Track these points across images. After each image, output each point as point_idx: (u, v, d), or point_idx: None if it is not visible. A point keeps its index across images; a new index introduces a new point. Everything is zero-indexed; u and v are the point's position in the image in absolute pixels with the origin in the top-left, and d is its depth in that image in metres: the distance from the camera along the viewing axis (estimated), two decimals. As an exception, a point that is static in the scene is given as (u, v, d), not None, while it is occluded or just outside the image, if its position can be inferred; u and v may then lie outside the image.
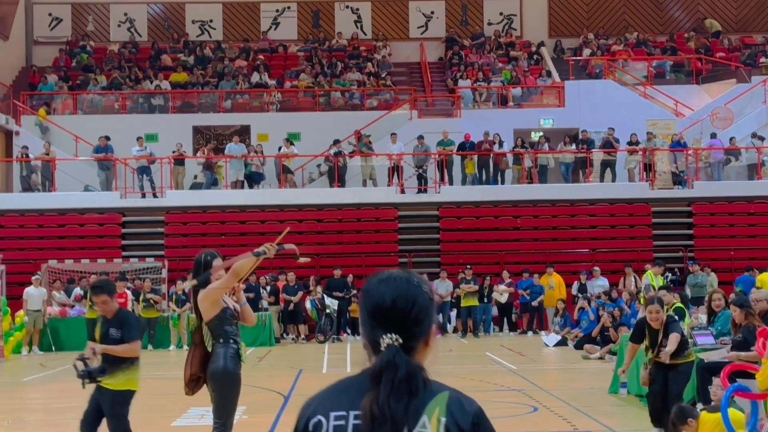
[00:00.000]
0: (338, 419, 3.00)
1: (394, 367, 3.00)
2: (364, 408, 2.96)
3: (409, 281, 3.16)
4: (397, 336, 3.07)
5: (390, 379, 2.97)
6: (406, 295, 3.09)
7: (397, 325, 3.07)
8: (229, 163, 33.01)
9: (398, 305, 3.07)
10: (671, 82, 39.42)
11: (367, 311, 3.13)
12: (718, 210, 32.80)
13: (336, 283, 29.05)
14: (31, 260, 30.19)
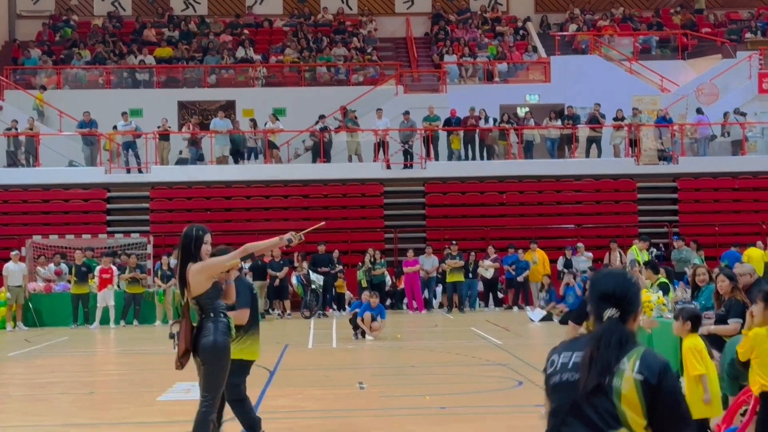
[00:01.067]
0: (564, 357, 4.42)
1: (611, 331, 4.32)
2: (586, 351, 4.30)
3: (624, 276, 4.50)
4: (616, 310, 4.36)
5: (608, 338, 4.28)
6: (623, 285, 4.43)
7: (616, 304, 4.37)
8: (214, 139, 32.89)
9: (618, 292, 4.40)
10: (657, 57, 39.41)
11: (596, 295, 4.46)
12: (703, 186, 32.91)
13: (321, 258, 29.03)
14: (15, 236, 30.09)
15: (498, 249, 29.91)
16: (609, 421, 4.18)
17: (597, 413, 4.21)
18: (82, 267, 26.70)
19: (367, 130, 33.25)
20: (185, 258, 8.39)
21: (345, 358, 18.98)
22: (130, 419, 12.24)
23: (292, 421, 11.84)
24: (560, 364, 4.43)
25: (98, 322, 26.42)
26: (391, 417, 11.69)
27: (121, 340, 23.92)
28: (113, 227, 31.65)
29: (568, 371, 4.35)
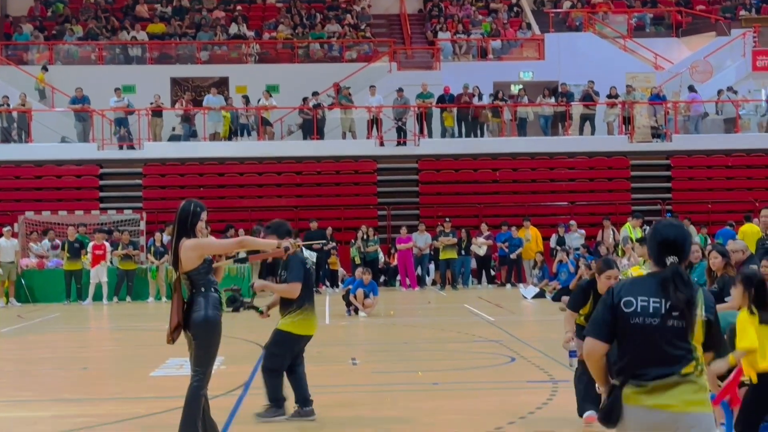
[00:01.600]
0: (643, 301, 5.18)
1: (680, 274, 5.19)
2: (670, 293, 5.16)
3: (682, 226, 5.40)
4: (675, 258, 5.22)
5: (680, 280, 5.17)
6: (683, 234, 5.30)
7: (676, 251, 5.23)
8: (207, 115, 32.79)
9: (678, 240, 5.26)
10: (651, 35, 39.34)
11: (658, 242, 5.29)
12: (697, 163, 32.92)
13: (314, 235, 28.97)
14: (7, 212, 30.00)
15: (491, 226, 29.90)
16: (686, 355, 5.16)
17: (676, 348, 5.16)
18: (75, 243, 26.66)
19: (361, 107, 33.17)
20: (180, 233, 8.36)
21: (338, 334, 18.99)
22: (123, 395, 12.25)
23: (285, 396, 11.84)
24: (640, 307, 5.19)
25: (91, 298, 26.40)
26: (383, 393, 11.71)
27: (113, 317, 23.92)
28: (106, 203, 31.59)
29: (650, 316, 5.17)
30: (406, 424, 9.61)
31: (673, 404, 5.12)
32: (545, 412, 10.45)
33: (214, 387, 9.78)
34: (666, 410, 5.13)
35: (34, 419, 10.71)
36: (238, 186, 32.32)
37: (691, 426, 5.13)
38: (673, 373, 5.12)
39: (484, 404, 10.96)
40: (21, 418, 10.88)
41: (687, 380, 5.15)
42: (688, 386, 5.15)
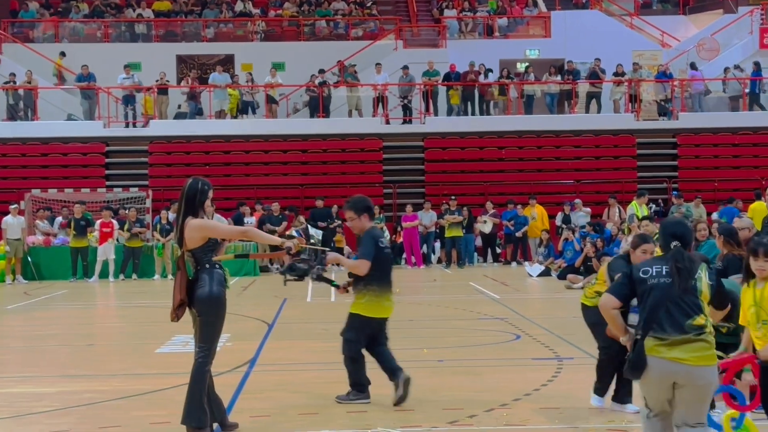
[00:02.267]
0: (657, 268, 6.52)
1: (681, 253, 6.51)
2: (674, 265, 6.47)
3: (685, 224, 6.88)
4: (678, 242, 6.55)
5: (683, 256, 6.49)
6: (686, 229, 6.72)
7: (679, 239, 6.57)
8: (213, 93, 32.76)
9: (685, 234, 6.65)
10: (658, 12, 39.20)
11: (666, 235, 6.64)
12: (703, 141, 32.84)
13: (320, 213, 29.02)
14: (14, 189, 30.05)
15: (497, 204, 29.89)
16: (695, 309, 6.41)
17: (687, 304, 6.41)
18: (81, 221, 26.69)
19: (366, 84, 33.11)
20: (187, 210, 8.35)
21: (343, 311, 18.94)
22: (129, 371, 12.29)
23: (291, 373, 11.89)
24: (655, 271, 6.49)
25: (97, 275, 26.46)
26: (388, 369, 11.71)
27: (119, 294, 23.98)
28: (112, 181, 31.62)
29: (663, 276, 6.46)
30: (411, 400, 9.62)
31: (687, 359, 6.32)
32: (550, 389, 10.47)
33: (220, 364, 9.84)
34: (682, 363, 6.33)
35: (40, 395, 10.75)
36: (243, 164, 32.32)
37: (700, 377, 6.35)
38: (686, 326, 6.36)
39: (489, 381, 10.98)
40: (27, 393, 10.93)
41: (699, 338, 6.36)
42: (700, 344, 6.37)
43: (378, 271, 9.60)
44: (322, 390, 10.56)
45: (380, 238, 9.72)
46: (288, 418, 9.24)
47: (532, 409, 9.41)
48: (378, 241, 9.61)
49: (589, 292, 9.48)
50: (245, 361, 12.32)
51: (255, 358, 12.76)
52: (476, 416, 9.12)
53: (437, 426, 8.78)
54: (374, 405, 9.68)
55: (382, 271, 9.63)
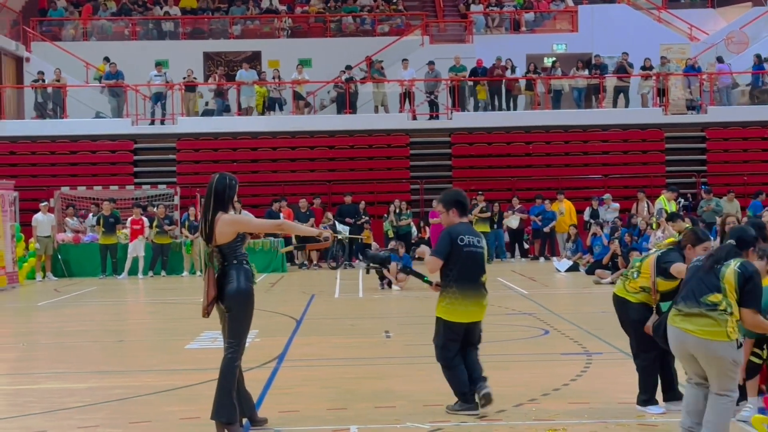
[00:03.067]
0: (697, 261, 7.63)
1: (727, 247, 7.50)
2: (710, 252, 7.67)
3: (747, 230, 7.66)
4: (733, 242, 7.50)
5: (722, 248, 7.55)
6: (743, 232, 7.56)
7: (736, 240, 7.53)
8: (240, 90, 32.86)
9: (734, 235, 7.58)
10: (686, 5, 38.97)
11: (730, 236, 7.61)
12: (732, 135, 32.62)
13: (347, 209, 29.04)
14: (43, 187, 30.27)
15: (524, 200, 29.82)
16: (713, 288, 7.26)
17: (707, 283, 7.29)
18: (110, 218, 26.84)
19: (393, 80, 33.11)
20: (216, 206, 8.36)
21: (371, 307, 19.05)
22: (158, 367, 12.36)
23: (319, 369, 11.92)
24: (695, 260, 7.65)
25: (127, 272, 26.61)
26: (416, 365, 11.75)
27: (149, 290, 24.11)
28: (140, 178, 31.78)
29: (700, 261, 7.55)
30: (439, 396, 9.63)
31: (695, 330, 7.24)
32: (579, 384, 10.45)
33: (249, 359, 9.89)
34: (689, 333, 7.27)
35: (71, 391, 10.83)
36: (271, 160, 32.40)
37: (707, 349, 7.21)
38: (701, 300, 7.24)
39: (518, 377, 10.97)
40: (58, 389, 11.01)
41: (709, 314, 7.20)
42: (708, 319, 7.22)
43: (456, 271, 8.83)
44: (351, 385, 10.59)
45: (461, 236, 8.82)
46: (317, 413, 9.27)
47: (560, 404, 9.40)
48: (457, 239, 8.79)
49: (632, 287, 9.08)
50: (274, 357, 12.36)
51: (283, 353, 12.80)
52: (505, 411, 9.11)
53: (466, 422, 8.78)
54: (403, 400, 9.68)
55: (461, 272, 8.82)
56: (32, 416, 9.50)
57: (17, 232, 25.51)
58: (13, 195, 25.98)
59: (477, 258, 8.93)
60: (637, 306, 8.98)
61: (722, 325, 7.20)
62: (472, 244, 8.92)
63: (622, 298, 9.16)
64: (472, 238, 8.95)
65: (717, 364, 7.26)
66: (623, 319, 9.23)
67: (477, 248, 8.96)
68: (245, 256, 8.46)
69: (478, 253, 8.99)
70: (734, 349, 7.24)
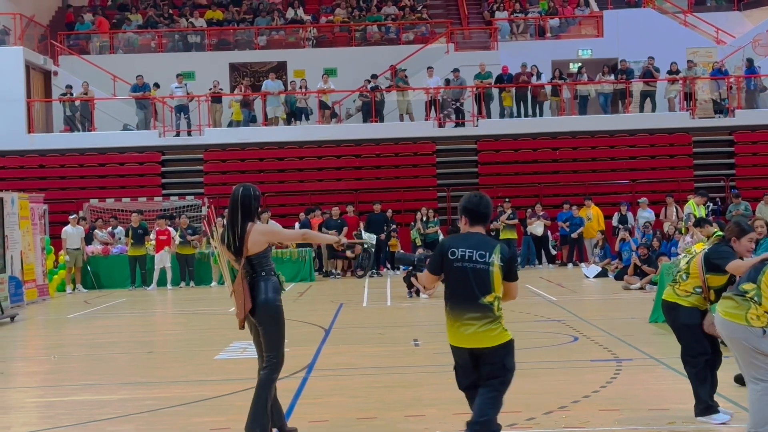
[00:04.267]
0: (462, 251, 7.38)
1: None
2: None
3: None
4: None
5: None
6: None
7: None
8: (267, 100, 32.97)
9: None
10: (712, 9, 38.79)
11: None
12: (760, 138, 32.39)
13: (376, 217, 29.02)
14: (72, 199, 30.50)
15: (551, 206, 29.75)
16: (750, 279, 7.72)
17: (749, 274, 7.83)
18: (139, 229, 26.97)
19: (418, 88, 33.12)
20: (245, 216, 8.37)
21: (400, 315, 19.05)
22: (188, 377, 12.40)
23: (348, 378, 11.93)
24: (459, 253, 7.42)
25: (155, 283, 26.73)
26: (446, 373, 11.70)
27: (177, 301, 24.20)
28: (168, 190, 31.95)
29: None
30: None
31: (720, 311, 7.78)
32: (609, 391, 10.41)
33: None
34: (717, 314, 7.90)
35: (102, 402, 10.89)
36: (297, 170, 32.49)
37: (726, 328, 7.74)
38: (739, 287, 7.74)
39: (548, 384, 10.94)
40: (89, 401, 11.07)
41: (735, 298, 7.67)
42: (732, 303, 7.71)
43: (448, 288, 7.55)
44: (380, 395, 10.59)
45: (453, 248, 7.46)
46: (346, 423, 9.27)
47: (591, 411, 9.36)
48: (448, 252, 7.44)
49: (683, 290, 8.90)
50: (303, 367, 12.38)
51: (312, 363, 12.82)
52: (535, 419, 9.09)
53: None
54: (433, 408, 9.68)
55: (452, 289, 7.52)
56: (64, 428, 9.56)
57: (47, 245, 25.71)
58: (43, 208, 26.19)
59: (468, 274, 7.37)
60: (689, 310, 8.84)
61: (742, 308, 7.60)
62: (467, 258, 7.41)
63: (673, 302, 9.01)
64: (469, 252, 7.42)
65: (737, 348, 7.69)
66: (674, 325, 9.09)
67: (472, 263, 7.39)
68: (273, 266, 8.49)
69: (474, 269, 7.38)
70: (755, 336, 7.55)
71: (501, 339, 7.40)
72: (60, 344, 16.98)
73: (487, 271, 7.37)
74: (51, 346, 16.86)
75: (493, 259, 7.38)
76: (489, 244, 7.48)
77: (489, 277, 7.37)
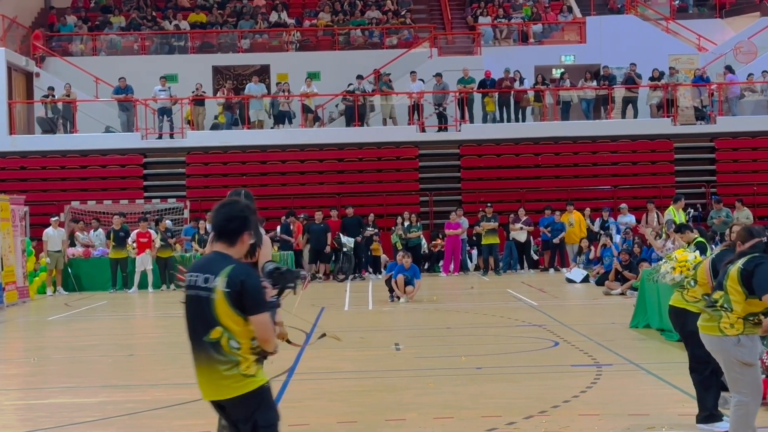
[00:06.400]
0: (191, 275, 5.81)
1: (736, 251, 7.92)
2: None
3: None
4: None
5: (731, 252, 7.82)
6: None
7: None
8: (249, 103, 32.94)
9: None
10: (694, 16, 38.96)
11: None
12: (741, 145, 32.57)
13: (350, 221, 29.05)
14: (54, 201, 30.38)
15: (533, 211, 29.83)
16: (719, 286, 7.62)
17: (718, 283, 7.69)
18: (120, 232, 26.90)
19: (402, 93, 33.16)
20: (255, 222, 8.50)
21: (381, 319, 19.06)
22: (169, 381, 12.37)
23: (328, 381, 11.93)
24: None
25: (137, 286, 26.65)
26: (426, 377, 11.75)
27: (158, 304, 24.14)
28: (150, 192, 31.86)
29: None
30: (449, 408, 9.64)
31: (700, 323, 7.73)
32: (589, 396, 10.44)
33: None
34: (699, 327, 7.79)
35: (82, 405, 10.86)
36: (280, 174, 32.45)
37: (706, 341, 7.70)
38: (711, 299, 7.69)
39: (528, 388, 10.96)
40: (69, 404, 11.04)
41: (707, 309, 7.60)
42: (704, 315, 7.68)
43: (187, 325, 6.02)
44: (361, 398, 10.60)
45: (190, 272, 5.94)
46: (327, 427, 9.28)
47: (571, 416, 9.39)
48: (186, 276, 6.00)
49: (691, 297, 8.78)
50: (284, 371, 12.36)
51: (293, 367, 12.81)
52: (515, 423, 9.11)
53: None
54: (414, 412, 9.69)
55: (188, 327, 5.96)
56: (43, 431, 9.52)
57: (28, 247, 25.60)
58: (24, 210, 26.07)
59: (192, 304, 5.88)
60: (698, 316, 8.37)
61: (714, 320, 7.54)
62: (193, 284, 5.87)
63: (681, 308, 8.92)
64: (194, 276, 5.86)
65: (719, 361, 7.62)
66: (682, 331, 9.03)
67: (196, 290, 5.83)
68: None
69: (197, 297, 5.82)
70: (731, 345, 7.42)
71: (242, 389, 5.72)
72: (40, 347, 16.92)
73: (208, 300, 5.73)
74: (31, 348, 16.79)
75: (216, 284, 5.72)
76: (217, 265, 5.76)
77: (210, 307, 5.72)
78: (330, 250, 28.46)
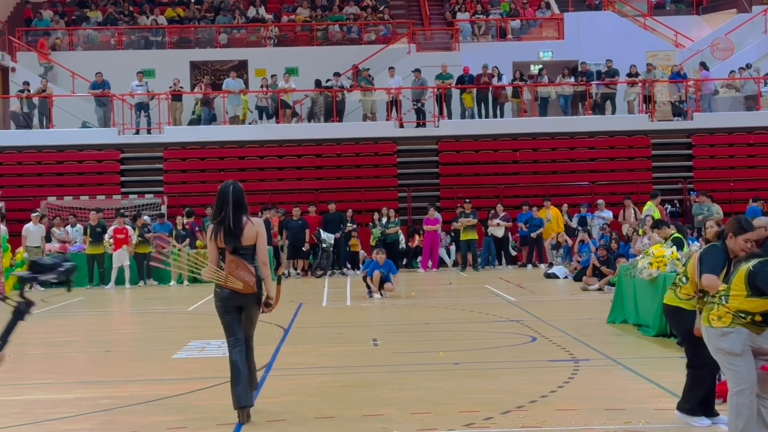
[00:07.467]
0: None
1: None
2: None
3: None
4: None
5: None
6: None
7: None
8: (227, 99, 32.85)
9: None
10: (671, 12, 39.11)
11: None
12: (718, 141, 32.75)
13: (331, 217, 29.00)
14: (30, 197, 30.23)
15: (511, 207, 29.88)
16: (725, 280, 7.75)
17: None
18: (97, 228, 26.77)
19: (380, 88, 33.13)
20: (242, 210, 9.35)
21: (359, 315, 19.04)
22: (146, 376, 12.32)
23: (306, 377, 11.91)
24: None
25: (114, 282, 26.53)
26: (404, 373, 11.74)
27: (136, 300, 24.04)
28: (127, 188, 31.74)
29: None
30: (427, 403, 9.63)
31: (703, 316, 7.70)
32: (567, 391, 10.45)
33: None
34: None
35: (58, 401, 10.79)
36: (258, 169, 32.40)
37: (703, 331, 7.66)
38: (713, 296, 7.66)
39: (505, 384, 10.97)
40: (45, 400, 10.97)
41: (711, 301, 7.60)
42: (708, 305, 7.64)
43: None
44: (338, 394, 10.58)
45: None
46: (304, 422, 9.25)
47: (548, 411, 9.40)
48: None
49: (684, 294, 8.66)
50: (261, 366, 12.32)
51: (271, 362, 12.78)
52: (492, 419, 9.11)
53: (453, 429, 8.77)
54: (391, 408, 9.68)
55: None
56: (18, 427, 9.46)
57: (4, 243, 25.43)
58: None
59: None
60: (692, 313, 8.53)
61: (707, 310, 7.63)
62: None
63: (675, 306, 8.80)
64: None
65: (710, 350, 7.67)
66: (678, 329, 9.00)
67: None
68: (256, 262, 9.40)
69: None
70: (716, 337, 7.50)
71: None
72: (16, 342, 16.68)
73: None
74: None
75: None
76: None
77: None
78: (309, 246, 28.40)
